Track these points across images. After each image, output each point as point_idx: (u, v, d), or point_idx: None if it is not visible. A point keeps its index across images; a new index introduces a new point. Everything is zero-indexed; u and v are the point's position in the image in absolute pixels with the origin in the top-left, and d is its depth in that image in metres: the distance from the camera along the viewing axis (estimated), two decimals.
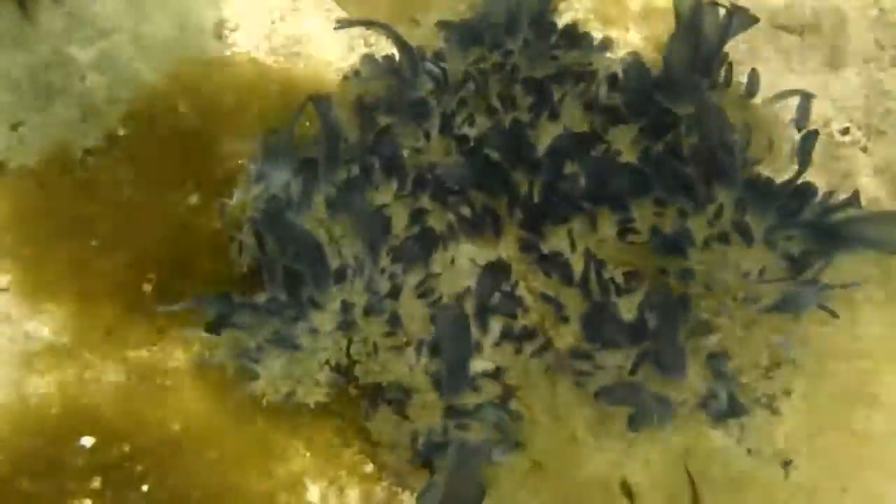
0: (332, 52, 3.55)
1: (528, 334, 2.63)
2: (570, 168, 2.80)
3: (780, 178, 2.83)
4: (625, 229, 2.66)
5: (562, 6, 3.61)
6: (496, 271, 2.69)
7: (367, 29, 3.32)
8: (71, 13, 2.99)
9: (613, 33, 3.58)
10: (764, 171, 2.90)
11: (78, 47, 3.01)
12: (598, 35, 3.41)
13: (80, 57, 3.02)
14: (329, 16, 3.62)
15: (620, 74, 3.00)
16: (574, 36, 3.18)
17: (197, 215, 3.02)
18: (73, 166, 3.06)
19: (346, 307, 2.68)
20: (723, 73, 2.99)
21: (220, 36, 3.27)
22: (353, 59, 3.47)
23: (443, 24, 3.18)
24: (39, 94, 2.98)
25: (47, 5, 2.96)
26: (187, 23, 3.16)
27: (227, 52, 3.31)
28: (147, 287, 2.95)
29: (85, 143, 3.05)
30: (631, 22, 3.63)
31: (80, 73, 3.02)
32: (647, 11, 3.64)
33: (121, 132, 3.09)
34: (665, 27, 3.52)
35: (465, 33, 3.14)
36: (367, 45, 3.60)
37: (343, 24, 3.15)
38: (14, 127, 2.96)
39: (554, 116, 2.94)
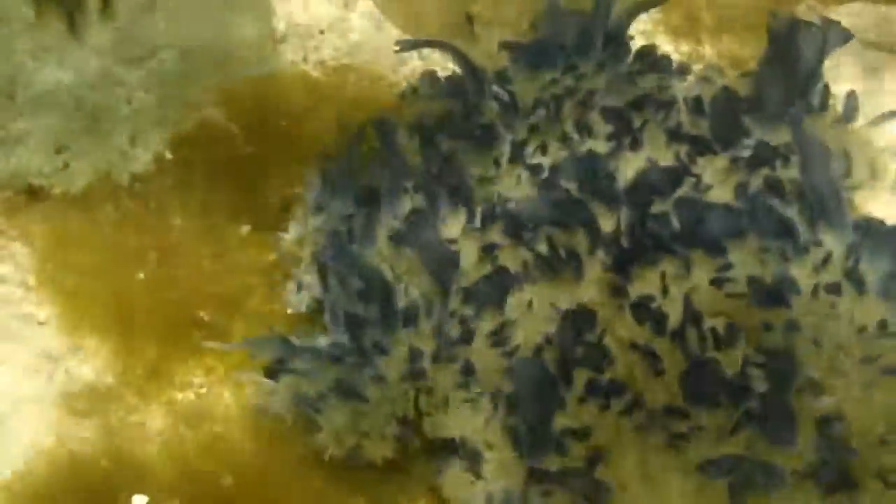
0: (383, 64, 3.33)
1: (617, 389, 2.39)
2: (657, 205, 2.55)
3: (884, 211, 2.57)
4: (722, 278, 2.42)
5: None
6: (579, 317, 2.45)
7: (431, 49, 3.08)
8: (119, 29, 2.77)
9: (685, 47, 3.35)
10: (865, 202, 2.65)
11: (125, 66, 2.79)
12: (667, 47, 3.17)
13: (128, 76, 2.80)
14: (379, 26, 3.39)
15: (705, 98, 2.75)
16: (650, 56, 2.94)
17: (250, 247, 2.80)
18: (119, 193, 2.84)
19: (414, 354, 2.46)
20: (818, 96, 2.75)
21: (269, 49, 3.03)
22: (406, 72, 3.28)
23: (507, 45, 2.95)
24: (85, 117, 2.76)
25: (95, 21, 2.73)
26: (237, 38, 2.94)
27: (277, 67, 3.07)
28: (196, 324, 2.71)
29: (131, 168, 2.83)
30: (704, 34, 3.40)
31: (128, 94, 2.80)
32: (722, 23, 3.40)
33: (169, 156, 2.86)
34: (740, 40, 3.29)
35: (532, 54, 2.90)
36: (419, 56, 3.37)
37: (404, 45, 2.92)
38: (59, 151, 2.75)
39: (636, 146, 2.72)
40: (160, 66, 2.82)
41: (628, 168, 2.68)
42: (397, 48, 2.91)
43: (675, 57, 3.28)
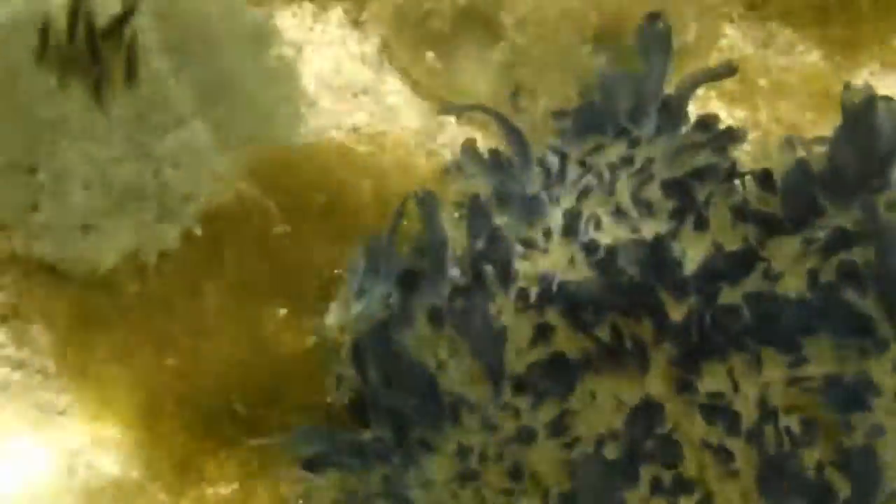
0: (421, 129, 3.17)
1: (686, 488, 2.21)
2: (725, 294, 2.38)
3: None
4: (796, 376, 2.25)
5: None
6: (648, 411, 2.28)
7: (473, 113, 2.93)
8: (146, 98, 2.60)
9: (740, 112, 3.20)
10: None
11: (152, 137, 2.63)
12: (721, 112, 3.02)
13: (155, 148, 2.64)
14: (417, 90, 3.24)
15: (776, 172, 2.58)
16: (710, 124, 2.78)
17: (286, 332, 2.64)
18: (147, 273, 2.68)
19: (464, 451, 2.28)
20: None
21: (302, 117, 2.87)
22: (445, 139, 3.10)
23: (557, 114, 2.79)
24: (111, 192, 2.59)
25: (120, 89, 2.57)
26: (269, 105, 2.77)
27: (311, 136, 2.91)
28: (228, 414, 2.54)
29: (159, 245, 2.65)
30: (760, 99, 3.25)
31: (155, 167, 2.64)
32: (778, 88, 3.25)
33: (199, 232, 2.69)
34: (798, 105, 3.14)
35: (582, 119, 2.74)
36: (459, 122, 3.21)
37: (446, 109, 2.76)
38: (83, 229, 2.57)
39: (701, 226, 2.54)
40: (189, 136, 2.66)
41: (694, 251, 2.51)
42: (438, 112, 2.75)
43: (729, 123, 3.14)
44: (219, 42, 2.71)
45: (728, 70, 2.79)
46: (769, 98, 3.21)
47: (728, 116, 3.22)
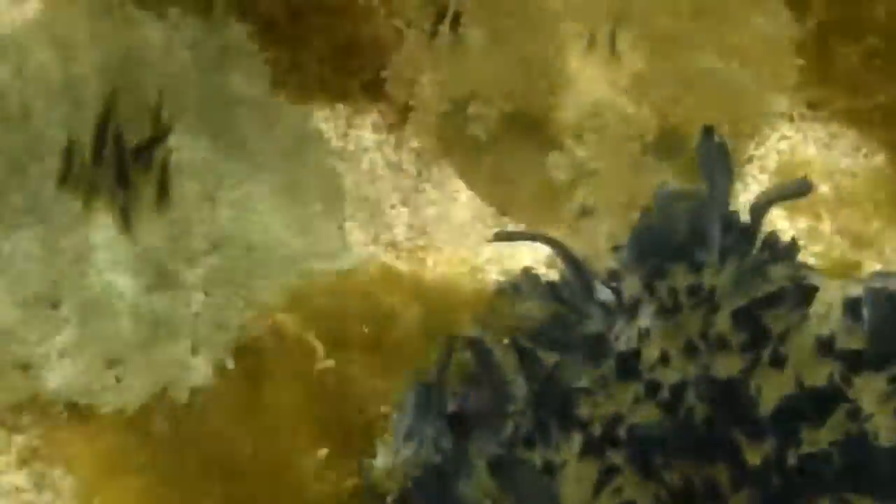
0: (464, 243, 2.97)
1: None
2: (809, 435, 2.17)
3: None
4: None
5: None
6: None
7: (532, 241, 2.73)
8: (176, 222, 2.41)
9: (802, 223, 2.99)
10: None
11: (184, 264, 2.44)
12: (782, 223, 2.82)
13: (187, 276, 2.45)
14: (457, 197, 3.04)
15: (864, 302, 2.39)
16: (777, 243, 2.58)
17: (328, 474, 2.43)
18: (177, 411, 2.47)
19: None
20: None
21: (341, 238, 2.68)
22: (489, 253, 2.89)
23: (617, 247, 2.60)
24: (140, 325, 2.39)
25: (149, 215, 2.38)
26: (306, 228, 2.57)
27: (350, 258, 2.72)
28: None
29: (191, 380, 2.45)
30: (822, 208, 3.04)
31: (187, 297, 2.44)
32: (841, 195, 3.05)
33: (231, 366, 2.48)
34: (862, 214, 2.94)
35: (643, 245, 2.54)
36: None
37: (501, 236, 2.57)
38: (109, 365, 2.38)
39: (777, 361, 2.34)
40: (223, 263, 2.47)
41: (770, 388, 2.30)
42: (493, 239, 2.56)
43: (791, 234, 2.94)
44: (256, 158, 2.52)
45: (804, 188, 2.60)
46: (832, 206, 3.02)
47: (790, 228, 3.01)
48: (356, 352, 2.51)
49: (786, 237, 2.82)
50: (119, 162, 2.39)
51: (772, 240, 2.58)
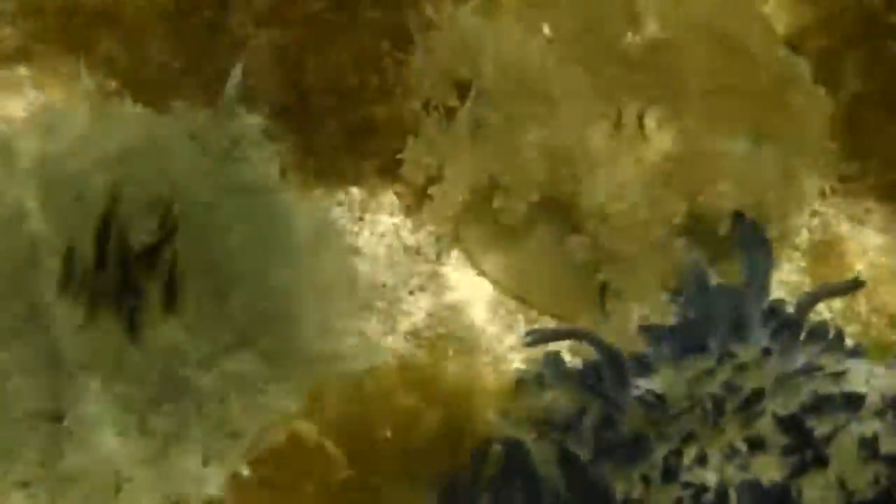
0: (486, 330, 2.83)
1: None
2: None
3: None
4: None
5: None
6: None
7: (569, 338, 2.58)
8: (186, 327, 2.26)
9: (837, 303, 2.87)
10: None
11: (195, 370, 2.28)
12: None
13: (199, 381, 2.29)
14: (480, 284, 2.90)
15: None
16: (824, 338, 2.42)
17: None
18: None
19: None
20: None
21: (362, 336, 2.53)
22: (512, 340, 2.76)
23: (647, 329, 2.44)
24: (149, 439, 2.24)
25: (156, 319, 2.23)
26: (328, 326, 2.42)
27: (371, 356, 2.56)
28: None
29: (202, 493, 2.28)
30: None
31: (198, 403, 2.28)
32: (877, 272, 2.94)
33: (246, 473, 2.33)
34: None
35: (680, 339, 2.39)
36: (527, 320, 2.87)
37: (533, 339, 2.43)
38: (116, 482, 2.22)
39: (820, 463, 2.18)
40: (237, 367, 2.31)
41: (812, 492, 2.16)
42: (525, 343, 2.41)
43: (826, 315, 2.79)
44: (270, 255, 2.37)
45: (854, 286, 2.45)
46: (867, 284, 2.85)
47: (826, 309, 2.85)
48: (379, 459, 2.35)
49: (821, 318, 2.68)
50: (123, 264, 2.24)
51: (818, 331, 2.43)
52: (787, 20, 3.25)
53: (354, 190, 3.01)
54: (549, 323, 2.86)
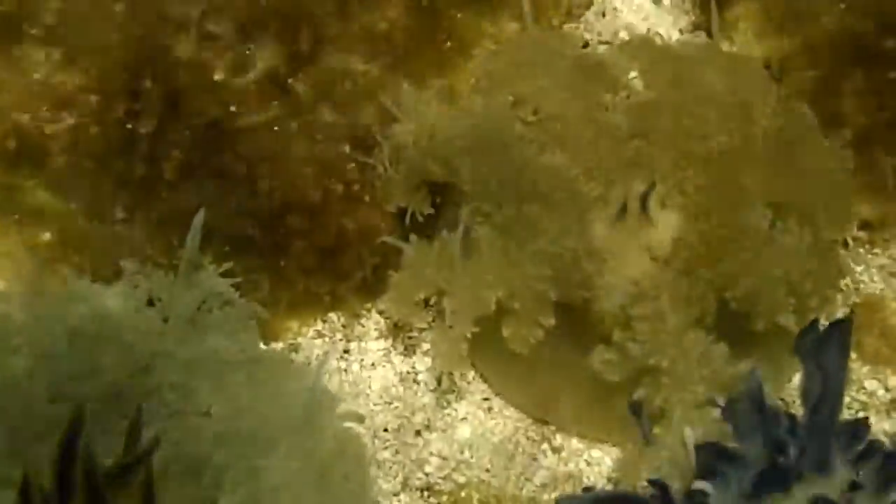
0: (507, 469, 2.42)
1: None
2: None
3: None
4: None
5: None
6: None
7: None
8: None
9: (893, 381, 2.45)
10: None
11: None
12: (870, 383, 2.29)
13: None
14: (491, 406, 2.49)
15: None
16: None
17: None
18: None
19: None
20: None
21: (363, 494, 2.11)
22: (542, 477, 2.45)
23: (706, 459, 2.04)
24: None
25: None
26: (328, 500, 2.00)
27: None
28: None
29: None
30: None
31: None
32: None
33: None
34: None
35: (747, 472, 2.00)
36: (552, 448, 2.45)
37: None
38: None
39: None
40: None
41: None
42: None
43: (882, 395, 2.41)
44: (260, 434, 1.94)
45: None
46: None
47: (881, 387, 2.47)
48: None
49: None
50: (92, 492, 1.79)
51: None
52: (767, 51, 2.86)
53: (334, 316, 2.57)
54: (577, 445, 2.44)
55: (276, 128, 2.48)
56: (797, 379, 2.34)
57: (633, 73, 2.67)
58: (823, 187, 2.46)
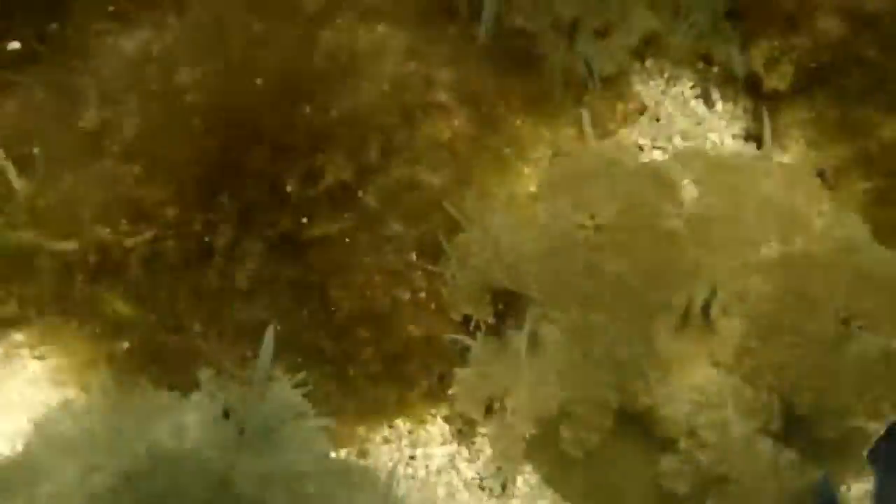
0: None
1: None
2: None
3: None
4: None
5: None
6: None
7: None
8: None
9: None
10: None
11: None
12: None
13: None
14: None
15: None
16: None
17: None
18: None
19: None
20: None
21: None
22: None
23: None
24: None
25: None
26: None
27: None
28: None
29: None
30: None
31: None
32: None
33: None
34: None
35: None
36: None
37: None
38: None
39: None
40: None
41: None
42: None
43: None
44: None
45: None
46: None
47: None
48: None
49: None
50: None
51: None
52: (820, 160, 2.86)
53: (400, 422, 2.57)
54: None
55: (347, 239, 2.48)
56: (863, 484, 2.31)
57: (687, 181, 2.66)
58: (886, 293, 2.44)
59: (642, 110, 3.01)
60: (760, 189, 2.60)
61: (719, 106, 2.96)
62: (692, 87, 2.95)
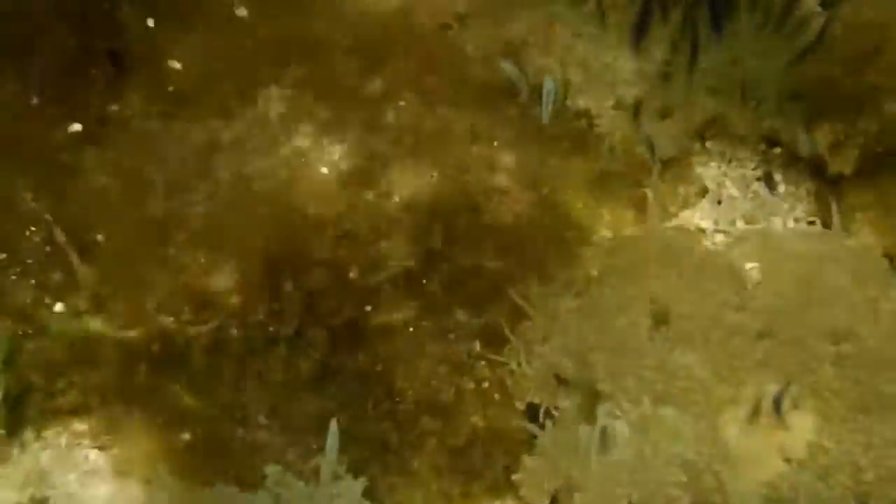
0: None
1: None
2: None
3: None
4: None
5: None
6: None
7: None
8: None
9: None
10: None
11: None
12: None
13: None
14: None
15: None
16: None
17: None
18: None
19: None
20: None
21: None
22: None
23: None
24: None
25: None
26: None
27: None
28: None
29: None
30: None
31: None
32: None
33: None
34: None
35: None
36: None
37: None
38: None
39: None
40: None
41: None
42: None
43: None
44: None
45: None
46: None
47: None
48: None
49: None
50: None
51: None
52: (887, 242, 2.79)
53: None
54: None
55: (411, 328, 2.44)
56: None
57: (751, 265, 2.60)
58: None
59: (703, 192, 2.96)
60: (829, 277, 2.52)
61: (782, 188, 2.90)
62: (754, 169, 2.89)
